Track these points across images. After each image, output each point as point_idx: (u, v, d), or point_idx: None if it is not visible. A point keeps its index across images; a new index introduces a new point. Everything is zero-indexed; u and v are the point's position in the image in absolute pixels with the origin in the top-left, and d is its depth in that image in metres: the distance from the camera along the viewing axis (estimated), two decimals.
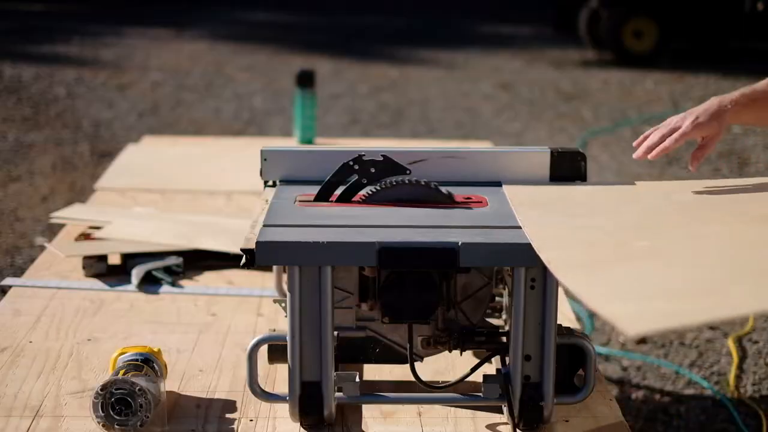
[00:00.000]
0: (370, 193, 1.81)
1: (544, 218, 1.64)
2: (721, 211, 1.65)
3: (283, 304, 1.72)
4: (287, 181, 1.90)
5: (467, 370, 1.57)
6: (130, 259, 2.18)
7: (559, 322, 1.52)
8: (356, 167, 1.82)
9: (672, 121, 1.86)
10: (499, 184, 1.89)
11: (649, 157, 1.82)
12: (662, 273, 1.33)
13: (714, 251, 1.42)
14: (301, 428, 1.52)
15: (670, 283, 1.28)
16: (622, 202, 1.76)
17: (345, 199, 1.80)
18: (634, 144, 1.88)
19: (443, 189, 1.81)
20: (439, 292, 1.53)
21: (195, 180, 2.92)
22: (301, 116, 3.31)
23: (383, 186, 1.81)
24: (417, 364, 1.55)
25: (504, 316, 1.78)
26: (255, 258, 1.48)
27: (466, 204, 1.77)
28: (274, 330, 1.59)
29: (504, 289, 1.74)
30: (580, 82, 8.47)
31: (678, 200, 1.75)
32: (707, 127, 1.82)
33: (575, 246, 1.48)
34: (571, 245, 1.48)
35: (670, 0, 9.18)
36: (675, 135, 1.81)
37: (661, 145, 1.81)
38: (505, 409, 1.53)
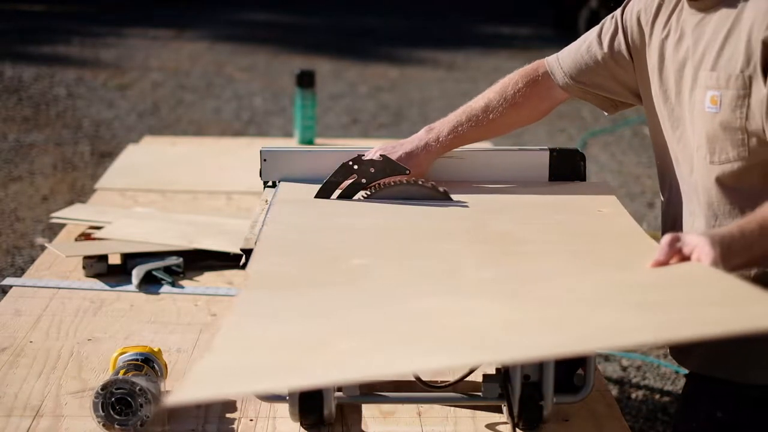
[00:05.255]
0: (369, 193, 1.81)
1: (292, 217, 1.71)
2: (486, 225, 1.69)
3: None
4: (287, 181, 1.90)
5: (467, 369, 1.57)
6: (131, 259, 2.18)
7: None
8: (356, 167, 1.83)
9: (376, 154, 1.87)
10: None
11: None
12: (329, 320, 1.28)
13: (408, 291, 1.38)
14: (301, 428, 1.52)
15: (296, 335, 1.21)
16: (374, 208, 1.79)
17: (345, 198, 1.80)
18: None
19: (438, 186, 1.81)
20: None
21: (195, 180, 2.92)
22: (301, 116, 3.32)
23: (382, 186, 1.82)
24: None
25: None
26: None
27: (464, 202, 1.78)
28: None
29: None
30: None
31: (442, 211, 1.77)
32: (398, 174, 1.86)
33: (292, 256, 1.52)
34: (290, 254, 1.53)
35: None
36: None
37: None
38: (504, 409, 1.53)
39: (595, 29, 1.88)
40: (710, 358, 1.70)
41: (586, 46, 1.87)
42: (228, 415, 1.57)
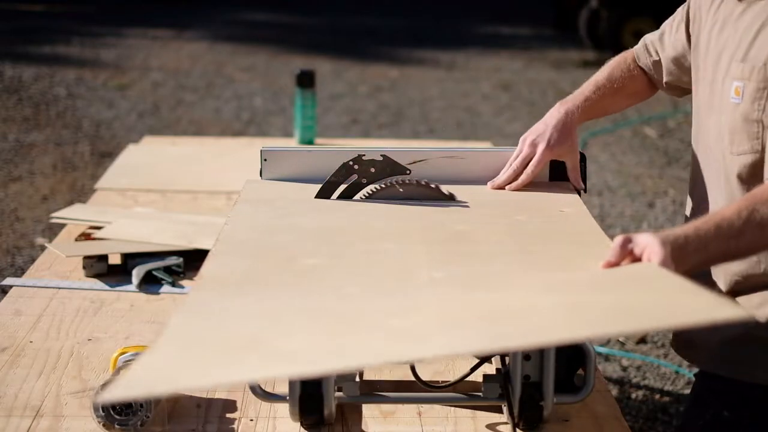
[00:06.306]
0: (369, 193, 1.81)
1: (251, 217, 1.74)
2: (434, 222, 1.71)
3: None
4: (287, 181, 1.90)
5: (467, 369, 1.57)
6: (131, 259, 2.18)
7: None
8: (356, 167, 1.83)
9: (525, 144, 1.89)
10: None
11: (508, 188, 1.88)
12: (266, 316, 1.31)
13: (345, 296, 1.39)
14: (301, 428, 1.52)
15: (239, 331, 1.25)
16: (336, 207, 1.80)
17: (345, 198, 1.80)
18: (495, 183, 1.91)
19: (438, 186, 1.81)
20: None
21: (195, 180, 2.92)
22: (301, 116, 3.32)
23: (383, 186, 1.82)
24: (417, 364, 1.56)
25: None
26: None
27: (465, 202, 1.79)
28: None
29: None
30: (580, 83, 8.45)
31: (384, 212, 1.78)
32: (559, 147, 1.88)
33: (247, 256, 1.54)
34: (246, 254, 1.55)
35: (669, 0, 9.19)
36: (531, 167, 1.87)
37: (521, 180, 1.88)
38: (504, 409, 1.53)
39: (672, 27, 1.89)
40: (717, 355, 1.70)
41: (671, 47, 1.88)
42: (228, 415, 1.57)
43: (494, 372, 1.55)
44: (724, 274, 1.68)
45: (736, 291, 1.67)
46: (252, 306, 1.34)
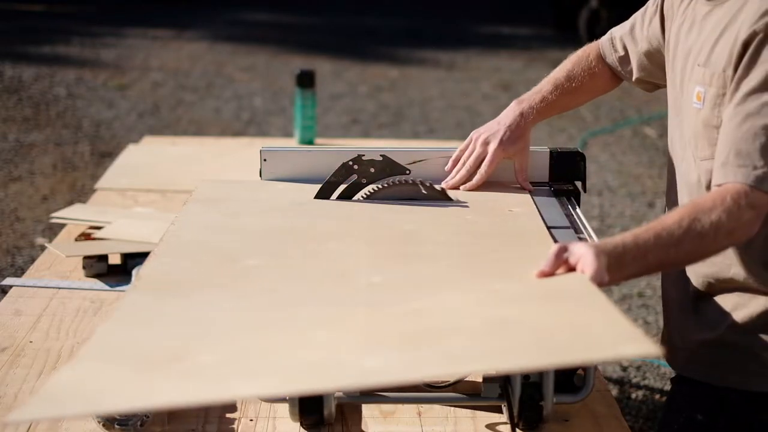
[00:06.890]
0: (369, 193, 1.81)
1: (200, 216, 1.73)
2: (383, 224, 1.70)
3: None
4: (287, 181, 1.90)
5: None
6: (131, 259, 2.18)
7: None
8: (356, 167, 1.83)
9: (477, 142, 1.89)
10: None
11: (462, 189, 1.88)
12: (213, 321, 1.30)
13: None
14: (301, 428, 1.52)
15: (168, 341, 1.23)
16: (295, 205, 1.80)
17: (344, 199, 1.80)
18: (447, 168, 1.91)
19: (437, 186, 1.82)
20: None
21: (195, 180, 2.90)
22: (301, 116, 3.32)
23: (382, 186, 1.82)
24: None
25: None
26: None
27: (464, 202, 1.79)
28: None
29: None
30: None
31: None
32: (511, 147, 1.87)
33: (187, 257, 1.53)
34: (187, 255, 1.54)
35: None
36: (484, 167, 1.87)
37: (475, 181, 1.87)
38: (504, 409, 1.53)
39: (643, 19, 1.87)
40: (693, 359, 1.70)
41: (646, 44, 1.86)
42: (228, 415, 1.57)
43: (494, 372, 1.55)
44: (695, 276, 1.67)
45: (709, 293, 1.66)
46: (183, 311, 1.33)
